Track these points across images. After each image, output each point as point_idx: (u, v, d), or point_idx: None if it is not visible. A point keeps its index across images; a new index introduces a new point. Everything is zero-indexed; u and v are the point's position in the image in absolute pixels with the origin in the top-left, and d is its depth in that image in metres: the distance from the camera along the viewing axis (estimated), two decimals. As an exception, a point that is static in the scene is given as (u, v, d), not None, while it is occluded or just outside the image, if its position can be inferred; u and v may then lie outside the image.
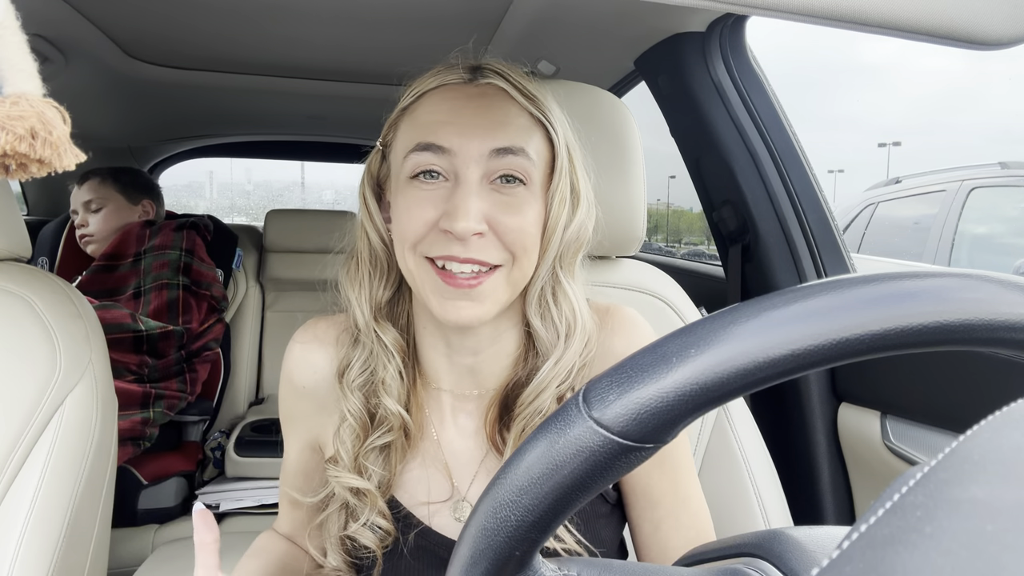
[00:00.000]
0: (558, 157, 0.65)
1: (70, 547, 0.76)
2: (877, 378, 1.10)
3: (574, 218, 0.66)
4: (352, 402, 0.67)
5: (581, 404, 0.33)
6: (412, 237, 0.62)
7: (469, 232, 0.59)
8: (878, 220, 4.21)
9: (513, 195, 0.62)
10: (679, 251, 4.42)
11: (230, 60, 1.76)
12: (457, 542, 0.37)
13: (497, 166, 0.61)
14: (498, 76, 0.64)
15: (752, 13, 0.49)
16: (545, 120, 0.64)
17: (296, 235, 2.30)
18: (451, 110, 0.62)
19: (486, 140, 0.61)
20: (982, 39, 0.49)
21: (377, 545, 0.67)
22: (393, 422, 0.67)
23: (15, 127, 0.38)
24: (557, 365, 0.66)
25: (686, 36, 1.26)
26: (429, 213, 0.61)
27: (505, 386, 0.69)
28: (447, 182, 0.62)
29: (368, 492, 0.66)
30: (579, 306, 0.68)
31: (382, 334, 0.68)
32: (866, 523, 0.21)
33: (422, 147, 0.61)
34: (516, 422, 0.66)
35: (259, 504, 1.72)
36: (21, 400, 0.74)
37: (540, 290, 0.67)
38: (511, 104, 0.63)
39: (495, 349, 0.69)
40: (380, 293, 0.69)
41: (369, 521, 0.67)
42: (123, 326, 1.69)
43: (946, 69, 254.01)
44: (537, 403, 0.65)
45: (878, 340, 0.31)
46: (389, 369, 0.67)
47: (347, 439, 0.68)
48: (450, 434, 0.71)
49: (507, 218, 0.61)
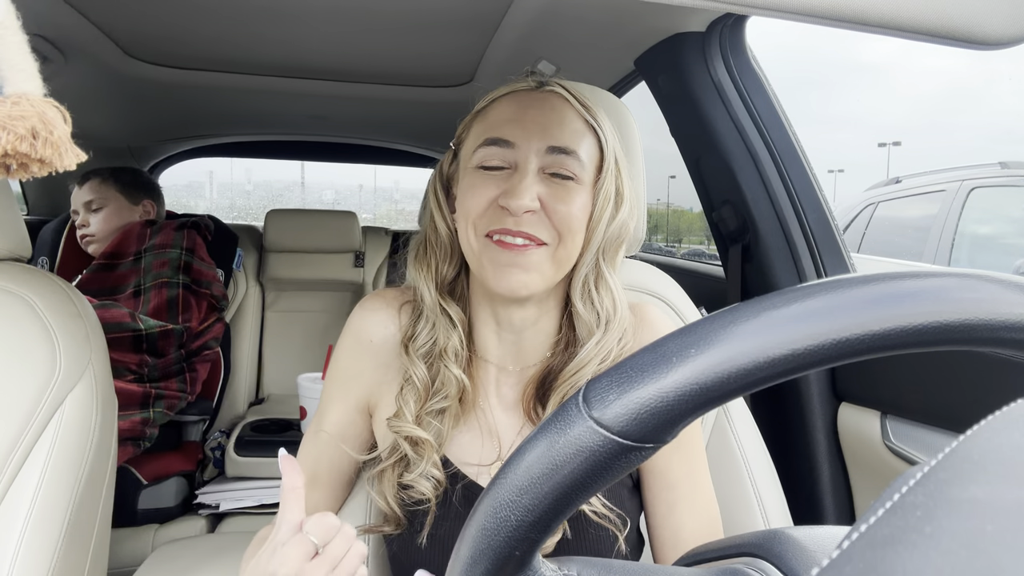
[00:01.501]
0: (606, 160, 0.73)
1: (70, 547, 0.76)
2: (877, 378, 1.10)
3: (617, 215, 0.73)
4: (419, 367, 0.74)
5: (581, 404, 0.33)
6: (474, 212, 0.70)
7: (523, 208, 0.67)
8: (878, 220, 4.21)
9: (564, 186, 0.70)
10: (679, 251, 4.43)
11: (230, 60, 1.76)
12: (457, 542, 0.37)
13: (552, 162, 0.70)
14: (559, 86, 0.75)
15: (752, 13, 0.49)
16: (596, 125, 0.74)
17: (296, 235, 2.30)
18: (517, 110, 0.72)
19: (545, 137, 0.70)
20: (982, 39, 0.49)
21: (432, 494, 0.72)
22: (450, 389, 0.74)
23: (16, 127, 0.38)
24: (598, 345, 0.73)
25: (686, 36, 1.26)
26: (490, 192, 0.69)
27: (545, 365, 0.77)
28: (508, 170, 0.70)
29: (427, 442, 0.72)
30: (619, 298, 0.75)
31: (448, 308, 0.75)
32: (866, 523, 0.21)
33: (490, 141, 0.71)
34: (555, 394, 0.73)
35: (259, 504, 1.72)
36: (21, 400, 0.74)
37: (584, 276, 0.74)
38: (568, 109, 0.73)
39: (537, 328, 0.77)
40: (445, 271, 0.77)
41: (425, 470, 0.72)
42: (122, 325, 1.69)
43: (948, 68, 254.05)
44: (576, 378, 0.72)
45: (878, 340, 0.31)
46: (452, 339, 0.74)
47: (410, 399, 0.74)
48: (493, 403, 0.78)
49: (557, 203, 0.69)
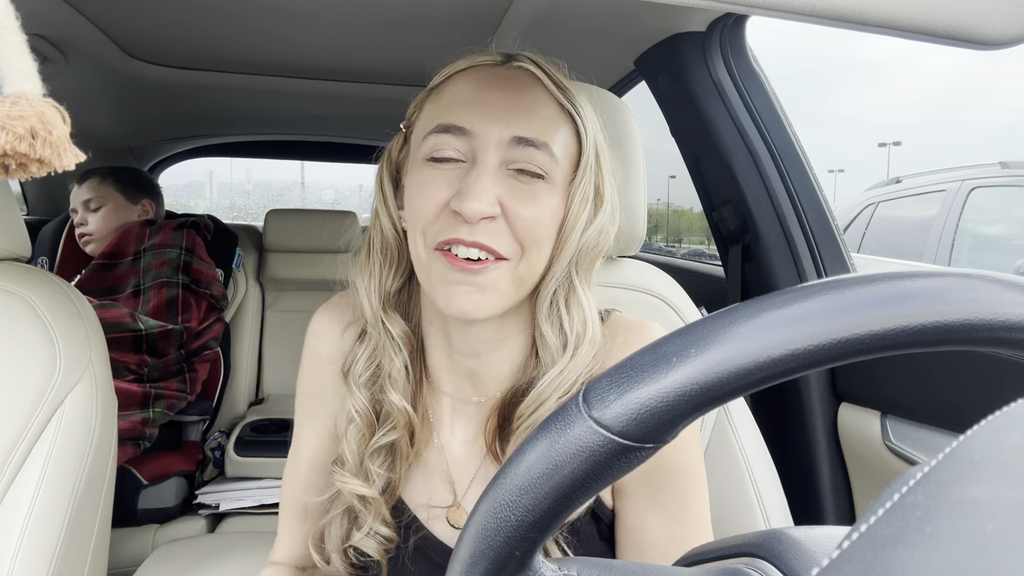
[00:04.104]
0: (584, 153, 0.61)
1: (70, 547, 0.76)
2: (877, 378, 1.10)
3: (595, 220, 0.62)
4: (359, 399, 0.64)
5: (581, 404, 0.33)
6: (423, 220, 0.58)
7: (479, 214, 0.55)
8: (878, 220, 4.21)
9: (531, 184, 0.58)
10: (679, 251, 4.43)
11: (230, 60, 1.76)
12: (457, 542, 0.37)
13: (517, 156, 0.58)
14: (530, 62, 0.61)
15: (752, 13, 0.49)
16: (575, 112, 0.61)
17: (296, 235, 2.30)
18: (477, 90, 0.59)
19: (509, 126, 0.57)
20: (982, 39, 0.49)
21: (381, 554, 0.65)
22: (398, 419, 0.64)
23: (15, 127, 0.38)
24: (560, 375, 0.61)
25: (686, 36, 1.26)
26: (441, 193, 0.57)
27: (505, 395, 0.65)
28: (464, 164, 0.58)
29: (372, 500, 0.64)
30: (591, 316, 0.64)
31: (390, 325, 0.64)
32: (866, 523, 0.21)
33: (442, 128, 0.58)
34: (515, 435, 0.63)
35: (259, 504, 1.72)
36: (21, 400, 0.74)
37: (553, 293, 0.63)
38: (540, 91, 0.60)
39: (498, 354, 0.66)
40: (389, 282, 0.66)
41: (372, 530, 0.65)
42: (122, 325, 1.68)
43: (949, 66, 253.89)
44: (537, 415, 0.61)
45: (878, 340, 0.31)
46: (395, 362, 0.64)
47: (353, 440, 0.65)
48: (448, 438, 0.69)
49: (521, 206, 0.57)
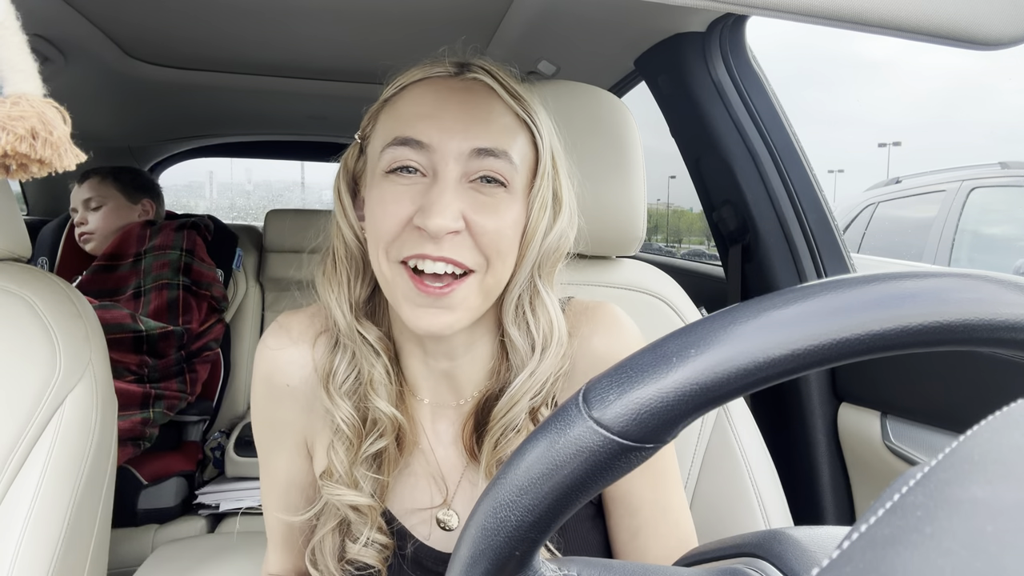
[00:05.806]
0: (541, 161, 0.62)
1: (70, 547, 0.76)
2: (877, 378, 1.10)
3: (555, 225, 0.63)
4: (343, 409, 0.64)
5: (581, 404, 0.33)
6: (386, 236, 0.59)
7: (444, 230, 0.56)
8: (878, 220, 4.21)
9: (492, 196, 0.59)
10: (679, 251, 4.43)
11: (230, 60, 1.76)
12: (457, 542, 0.37)
13: (477, 167, 0.58)
14: (485, 73, 0.62)
15: (752, 13, 0.49)
16: (530, 121, 0.62)
17: (296, 235, 2.29)
18: (433, 103, 0.59)
19: (468, 138, 0.58)
20: (982, 39, 0.49)
21: (380, 562, 0.65)
22: (385, 424, 0.64)
23: (16, 127, 0.38)
24: (531, 378, 0.63)
25: (686, 36, 1.26)
26: (404, 209, 0.58)
27: (482, 397, 0.67)
28: (424, 178, 0.59)
29: (367, 507, 0.64)
30: (556, 317, 0.65)
31: (365, 333, 0.65)
32: (866, 523, 0.21)
33: (400, 141, 0.59)
34: (488, 436, 0.64)
35: (259, 504, 1.71)
36: (21, 400, 0.74)
37: (517, 298, 0.64)
38: (496, 102, 0.61)
39: (470, 356, 0.67)
40: (358, 291, 0.66)
41: (369, 539, 0.64)
42: (123, 326, 1.69)
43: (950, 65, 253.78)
44: (510, 416, 0.63)
45: (878, 340, 0.31)
46: (376, 368, 0.64)
47: (341, 450, 0.65)
48: (432, 441, 0.69)
49: (484, 219, 0.58)
